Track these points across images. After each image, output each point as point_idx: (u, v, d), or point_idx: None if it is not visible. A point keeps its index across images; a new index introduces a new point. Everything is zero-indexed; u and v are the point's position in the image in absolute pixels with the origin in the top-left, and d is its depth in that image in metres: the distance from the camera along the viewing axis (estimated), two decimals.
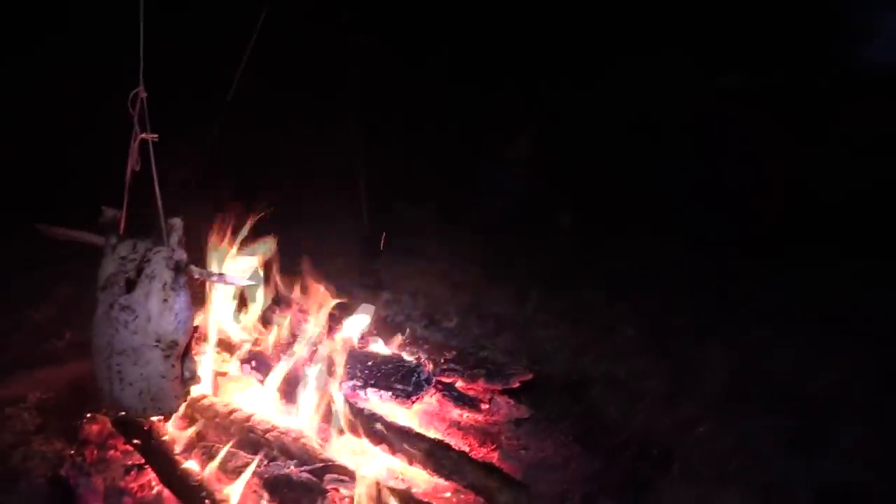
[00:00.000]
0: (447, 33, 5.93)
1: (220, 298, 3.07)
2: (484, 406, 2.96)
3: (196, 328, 2.48)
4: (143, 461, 2.54)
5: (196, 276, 2.21)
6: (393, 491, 2.28)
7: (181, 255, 2.11)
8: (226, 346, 3.07)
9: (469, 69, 5.99)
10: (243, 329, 3.11)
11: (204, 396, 2.78)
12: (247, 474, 2.34)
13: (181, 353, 2.22)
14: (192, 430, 2.63)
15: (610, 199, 5.86)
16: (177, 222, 2.15)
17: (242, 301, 3.20)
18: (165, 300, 2.09)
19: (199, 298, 3.09)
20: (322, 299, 3.21)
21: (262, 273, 3.13)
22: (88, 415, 2.74)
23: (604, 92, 6.13)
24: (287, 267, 3.45)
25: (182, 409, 2.55)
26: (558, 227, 5.78)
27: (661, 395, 3.41)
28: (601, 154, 5.98)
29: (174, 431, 2.65)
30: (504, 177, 5.63)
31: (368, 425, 2.60)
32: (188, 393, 2.42)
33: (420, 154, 5.82)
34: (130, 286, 2.10)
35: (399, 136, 5.72)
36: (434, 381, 2.90)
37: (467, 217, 5.63)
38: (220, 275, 2.39)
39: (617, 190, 5.89)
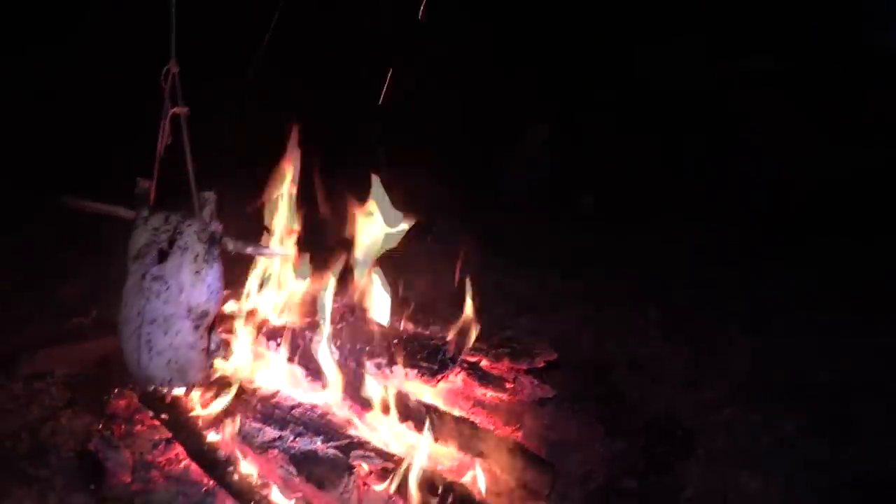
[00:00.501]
0: (470, 17, 5.90)
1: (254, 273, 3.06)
2: (508, 385, 2.94)
3: (225, 301, 2.48)
4: (170, 435, 2.57)
5: (230, 249, 2.21)
6: (418, 469, 2.28)
7: (216, 227, 2.12)
8: (253, 320, 3.05)
9: (492, 51, 5.96)
10: (273, 304, 3.09)
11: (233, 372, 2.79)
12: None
13: (210, 324, 2.23)
14: (219, 406, 2.64)
15: (633, 182, 5.83)
16: (210, 195, 2.15)
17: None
18: (198, 272, 2.10)
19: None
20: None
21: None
22: (116, 390, 2.78)
23: (627, 74, 6.09)
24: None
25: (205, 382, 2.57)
26: (581, 209, 5.76)
27: (683, 378, 3.40)
28: (623, 136, 5.95)
29: (201, 407, 2.67)
30: (526, 158, 5.60)
31: (394, 402, 2.60)
32: (212, 365, 2.44)
33: (442, 135, 5.79)
34: (162, 257, 2.11)
35: (420, 116, 5.69)
36: (459, 359, 2.89)
37: (489, 198, 5.61)
38: (256, 247, 2.39)
39: (640, 173, 5.86)
